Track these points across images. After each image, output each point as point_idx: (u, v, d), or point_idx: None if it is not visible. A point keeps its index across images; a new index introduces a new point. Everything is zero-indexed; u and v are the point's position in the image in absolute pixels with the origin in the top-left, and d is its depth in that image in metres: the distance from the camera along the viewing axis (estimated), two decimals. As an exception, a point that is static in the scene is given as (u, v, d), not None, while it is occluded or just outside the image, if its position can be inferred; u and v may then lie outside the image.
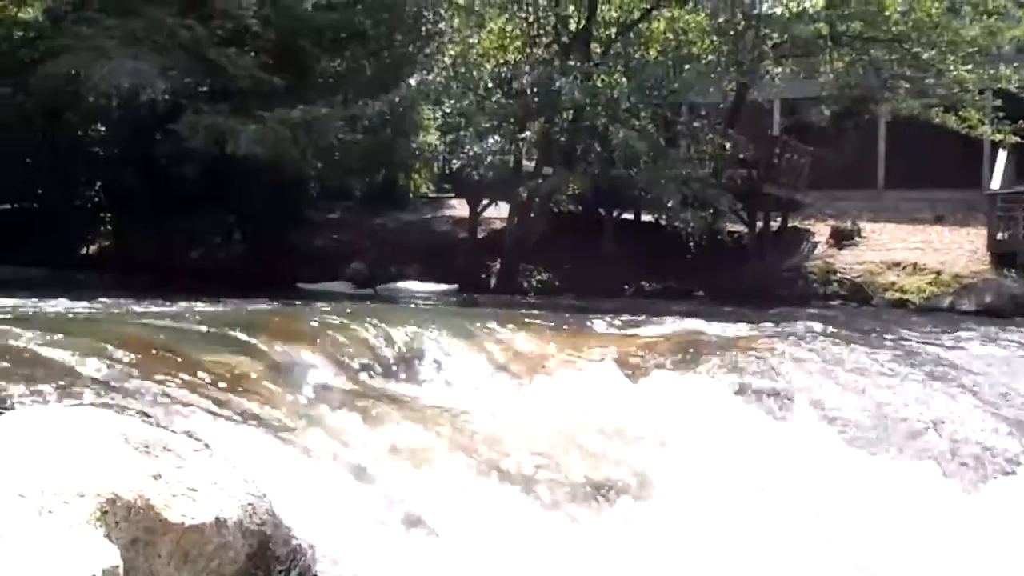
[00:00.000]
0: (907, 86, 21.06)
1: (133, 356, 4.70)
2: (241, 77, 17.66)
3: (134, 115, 20.36)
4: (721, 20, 19.99)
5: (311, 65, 20.02)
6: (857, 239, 21.32)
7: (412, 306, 10.44)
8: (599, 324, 9.68)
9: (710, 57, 20.89)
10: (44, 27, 20.88)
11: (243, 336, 6.12)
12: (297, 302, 12.29)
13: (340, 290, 19.83)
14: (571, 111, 19.29)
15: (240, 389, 4.72)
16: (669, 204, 18.40)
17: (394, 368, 6.55)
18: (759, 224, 21.71)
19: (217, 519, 2.57)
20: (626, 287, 20.10)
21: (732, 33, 19.80)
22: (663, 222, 19.74)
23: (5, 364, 4.04)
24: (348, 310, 9.23)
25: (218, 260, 23.64)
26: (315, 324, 7.19)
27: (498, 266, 21.32)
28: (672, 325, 9.74)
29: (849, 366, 7.15)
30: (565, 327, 9.07)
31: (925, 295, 18.61)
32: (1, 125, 25.59)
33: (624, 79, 19.26)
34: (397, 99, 18.43)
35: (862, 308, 18.17)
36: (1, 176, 26.68)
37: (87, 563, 1.97)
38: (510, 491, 4.47)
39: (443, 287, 19.80)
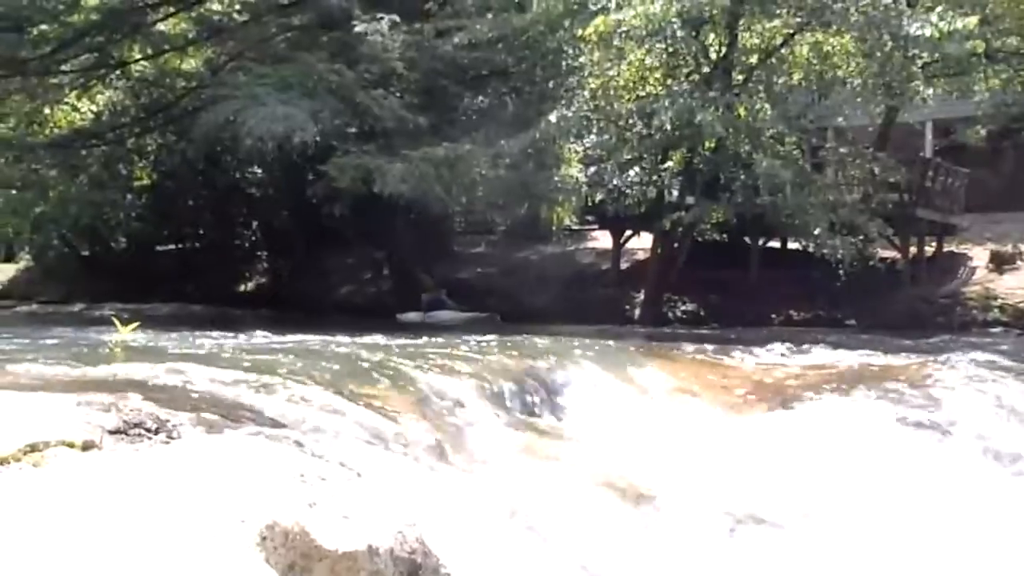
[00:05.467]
0: (1070, 101, 20.03)
1: (289, 388, 4.84)
2: (387, 118, 18.11)
3: (287, 158, 21.14)
4: (867, 42, 19.45)
5: (454, 103, 20.40)
6: (1019, 263, 20.29)
7: (562, 339, 10.44)
8: (747, 354, 9.48)
9: (856, 80, 20.32)
10: (204, 76, 21.97)
11: (395, 368, 6.24)
12: (443, 335, 12.46)
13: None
14: (713, 140, 19.07)
15: (391, 419, 4.80)
16: (817, 231, 17.91)
17: (542, 401, 6.56)
18: (913, 249, 20.93)
19: (369, 547, 2.61)
20: (774, 316, 19.65)
21: (879, 54, 19.20)
22: (811, 249, 19.25)
23: (173, 396, 4.21)
24: (498, 342, 9.32)
25: (367, 295, 24.23)
26: (464, 356, 7.26)
27: (641, 297, 21.17)
28: (824, 355, 9.47)
29: (1014, 397, 6.79)
30: (713, 357, 8.92)
31: (1096, 321, 17.57)
32: (166, 171, 27.13)
33: (767, 106, 18.90)
34: (538, 134, 18.56)
35: (1026, 335, 17.28)
36: (167, 218, 28.24)
37: (249, 587, 2.02)
38: (658, 529, 4.39)
39: (480, 315, 20.23)
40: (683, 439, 5.80)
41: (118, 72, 22.90)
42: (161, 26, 21.76)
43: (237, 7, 21.80)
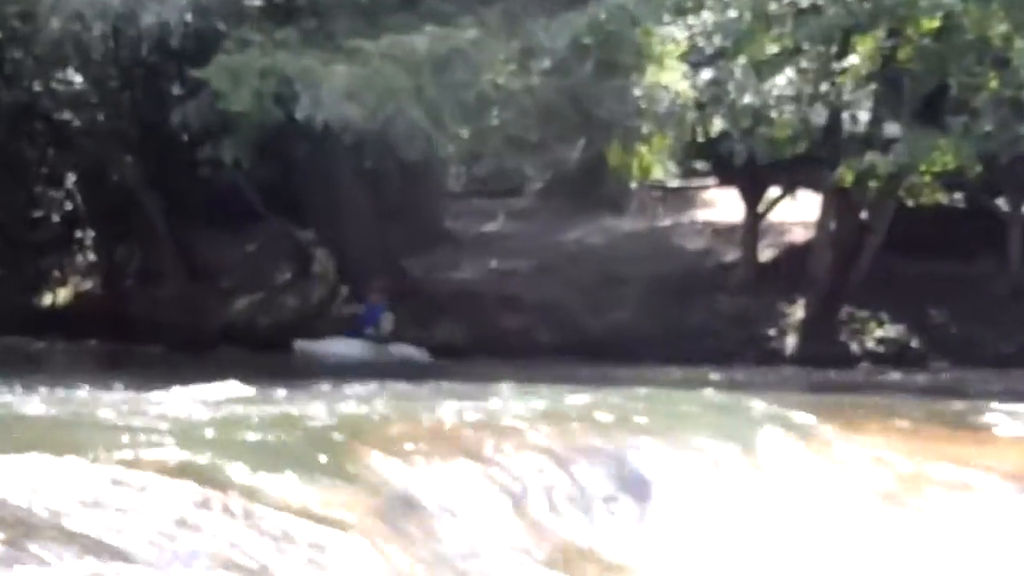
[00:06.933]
0: None
1: (140, 487, 4.84)
2: (320, -20, 18.23)
3: (131, 56, 21.23)
4: None
5: (444, -46, 20.49)
6: None
7: (647, 393, 10.52)
8: (1008, 419, 9.48)
9: None
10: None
11: (342, 446, 6.26)
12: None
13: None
14: (936, 16, 19.06)
15: (332, 543, 4.81)
16: None
17: (606, 507, 6.60)
18: None
19: None
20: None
21: None
22: None
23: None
24: (531, 398, 9.37)
25: (286, 311, 24.28)
26: (469, 423, 7.28)
27: (799, 314, 21.15)
28: None
29: None
30: (942, 425, 8.95)
31: None
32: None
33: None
34: (604, 13, 18.54)
35: None
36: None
37: None
38: None
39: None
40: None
41: None
42: None
43: None
